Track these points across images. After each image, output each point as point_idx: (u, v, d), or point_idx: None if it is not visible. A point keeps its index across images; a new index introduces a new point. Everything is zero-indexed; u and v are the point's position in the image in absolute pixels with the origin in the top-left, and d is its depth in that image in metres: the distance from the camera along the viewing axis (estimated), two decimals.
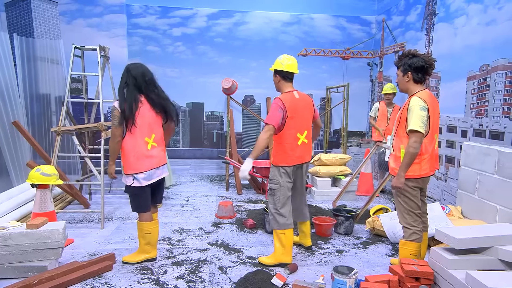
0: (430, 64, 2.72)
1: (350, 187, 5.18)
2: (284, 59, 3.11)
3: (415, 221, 2.74)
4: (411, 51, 2.77)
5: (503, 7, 3.76)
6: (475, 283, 2.17)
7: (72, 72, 4.21)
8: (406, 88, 2.79)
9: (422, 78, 2.74)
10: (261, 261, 3.15)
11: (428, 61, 2.71)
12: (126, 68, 2.99)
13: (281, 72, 3.09)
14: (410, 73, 2.72)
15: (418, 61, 2.69)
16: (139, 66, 3.01)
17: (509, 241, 2.54)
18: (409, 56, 2.75)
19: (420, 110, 2.57)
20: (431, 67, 2.74)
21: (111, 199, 4.65)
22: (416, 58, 2.71)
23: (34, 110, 5.60)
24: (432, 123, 2.67)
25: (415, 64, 2.70)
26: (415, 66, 2.70)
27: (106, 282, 2.77)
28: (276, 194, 3.06)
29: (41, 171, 3.29)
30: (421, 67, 2.70)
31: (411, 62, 2.71)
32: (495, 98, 3.84)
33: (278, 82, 3.14)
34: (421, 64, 2.69)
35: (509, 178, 3.11)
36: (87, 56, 4.81)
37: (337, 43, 7.07)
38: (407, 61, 2.73)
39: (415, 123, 2.55)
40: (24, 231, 2.81)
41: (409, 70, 2.72)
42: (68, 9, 6.32)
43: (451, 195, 4.48)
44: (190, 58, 6.91)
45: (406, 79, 2.75)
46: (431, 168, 2.75)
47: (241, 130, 7.15)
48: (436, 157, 2.81)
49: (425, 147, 2.67)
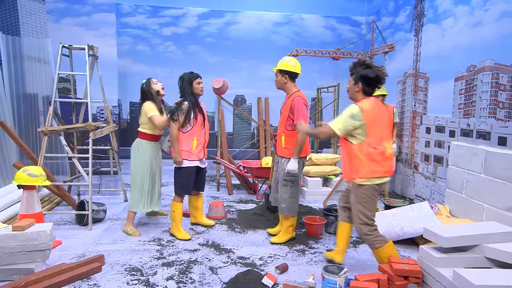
0: (381, 78, 2.73)
1: (341, 187, 5.21)
2: (293, 61, 3.42)
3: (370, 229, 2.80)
4: (366, 61, 2.77)
5: (489, 9, 3.83)
6: (462, 281, 2.21)
7: (59, 71, 4.15)
8: (354, 97, 2.81)
9: (371, 91, 2.75)
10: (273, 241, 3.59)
11: (380, 75, 2.72)
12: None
13: (291, 73, 3.40)
14: (361, 84, 2.73)
15: (371, 73, 2.70)
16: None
17: (495, 239, 2.58)
18: (363, 66, 2.74)
19: (348, 117, 2.64)
20: (382, 81, 2.75)
21: (100, 200, 4.60)
22: (370, 69, 2.72)
23: (21, 110, 5.51)
24: (378, 131, 2.69)
25: (367, 75, 2.70)
26: (367, 77, 2.70)
27: (95, 284, 2.74)
28: (295, 186, 3.45)
29: (27, 172, 3.24)
30: (373, 79, 2.71)
31: (363, 73, 2.71)
32: (482, 99, 3.91)
33: (286, 82, 3.44)
34: (372, 76, 2.70)
35: (496, 177, 3.16)
36: (76, 56, 4.75)
37: (328, 43, 7.11)
38: (360, 71, 2.73)
39: (335, 122, 2.68)
40: (10, 233, 2.76)
41: (360, 81, 2.73)
42: (56, 8, 6.23)
43: (439, 194, 4.54)
44: (180, 58, 6.88)
45: (356, 88, 2.76)
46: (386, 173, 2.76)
47: (232, 130, 7.14)
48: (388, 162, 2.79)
49: (368, 155, 2.67)
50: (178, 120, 3.52)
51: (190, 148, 3.59)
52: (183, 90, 3.62)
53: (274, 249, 3.48)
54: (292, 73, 3.41)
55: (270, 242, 3.60)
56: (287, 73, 3.41)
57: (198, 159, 3.66)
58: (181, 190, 3.66)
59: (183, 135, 3.59)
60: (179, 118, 3.52)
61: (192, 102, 3.56)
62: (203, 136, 3.68)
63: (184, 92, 3.60)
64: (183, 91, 3.61)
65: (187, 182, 3.65)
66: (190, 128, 3.57)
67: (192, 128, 3.57)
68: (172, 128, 3.55)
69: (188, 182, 3.66)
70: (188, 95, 3.57)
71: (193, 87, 3.60)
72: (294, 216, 3.56)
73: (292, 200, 3.47)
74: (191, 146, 3.59)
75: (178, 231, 3.68)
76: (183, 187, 3.65)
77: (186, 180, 3.64)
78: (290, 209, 3.49)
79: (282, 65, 3.41)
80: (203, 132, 3.67)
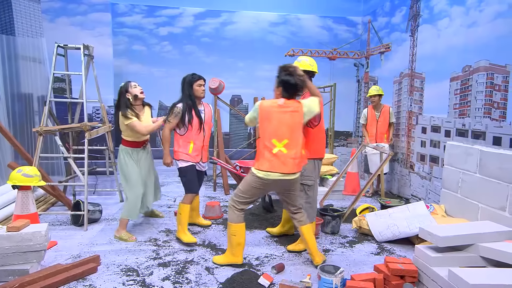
0: (301, 86, 2.88)
1: (337, 187, 5.22)
2: (310, 60, 3.39)
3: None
4: (290, 68, 2.88)
5: (484, 9, 3.85)
6: (457, 280, 2.22)
7: (55, 71, 4.13)
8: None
9: (290, 96, 2.88)
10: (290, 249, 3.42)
11: (300, 84, 2.86)
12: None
13: (309, 72, 3.33)
14: (281, 89, 2.88)
15: (291, 80, 2.82)
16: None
17: (490, 238, 2.60)
18: (285, 72, 2.86)
19: (252, 110, 2.93)
20: (301, 90, 2.92)
21: (95, 200, 4.58)
22: (291, 77, 2.83)
23: (15, 110, 5.46)
24: (270, 129, 2.83)
25: (288, 81, 2.83)
26: (287, 83, 2.84)
27: (90, 285, 2.73)
28: (311, 190, 3.29)
29: (22, 172, 3.22)
30: (291, 86, 2.84)
31: (285, 79, 2.84)
32: (477, 99, 3.93)
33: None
34: (292, 83, 2.83)
35: (491, 177, 3.18)
36: (71, 55, 4.72)
37: (324, 43, 7.13)
38: (282, 77, 2.87)
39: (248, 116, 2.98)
40: (5, 234, 2.74)
41: (280, 85, 2.88)
42: (51, 7, 6.20)
43: (435, 194, 4.56)
44: (177, 57, 6.86)
45: (277, 91, 2.92)
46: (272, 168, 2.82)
47: (229, 130, 7.13)
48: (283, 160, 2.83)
49: (259, 148, 2.89)
50: (170, 122, 3.46)
51: (186, 151, 3.53)
52: (183, 92, 3.55)
53: (270, 249, 3.48)
54: (310, 72, 3.35)
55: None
56: (305, 72, 3.26)
57: (195, 162, 3.60)
58: (187, 189, 3.60)
59: (180, 137, 3.53)
60: (171, 121, 3.46)
61: (188, 105, 3.46)
62: (202, 140, 3.58)
63: (183, 93, 3.54)
64: (183, 93, 3.55)
65: (190, 181, 3.58)
66: (185, 131, 3.50)
67: (186, 132, 3.50)
68: (163, 129, 3.51)
69: (192, 180, 3.59)
70: (185, 98, 3.49)
71: (193, 89, 3.51)
72: (312, 223, 3.36)
73: (308, 206, 3.31)
74: (187, 149, 3.53)
75: (184, 234, 3.55)
76: (188, 186, 3.59)
77: (188, 179, 3.58)
78: (307, 215, 3.26)
79: (299, 65, 3.30)
80: (201, 136, 3.57)
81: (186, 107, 3.46)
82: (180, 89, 3.57)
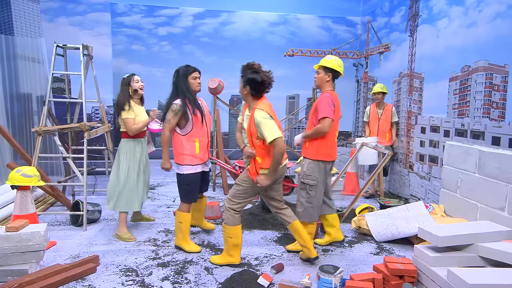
0: (268, 83, 2.84)
1: (336, 187, 5.23)
2: (339, 61, 3.31)
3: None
4: (254, 65, 2.85)
5: (482, 10, 3.85)
6: (456, 280, 2.22)
7: (54, 71, 4.12)
8: (246, 100, 2.96)
9: (259, 95, 2.85)
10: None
11: (267, 80, 2.82)
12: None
13: (335, 72, 3.28)
14: (249, 88, 2.83)
15: (257, 77, 2.79)
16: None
17: (489, 238, 2.60)
18: (251, 70, 2.83)
19: (269, 121, 2.72)
20: (269, 86, 2.86)
21: (95, 201, 4.57)
22: (257, 74, 2.80)
23: (14, 110, 5.46)
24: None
25: (254, 79, 2.80)
26: (254, 81, 2.80)
27: (89, 285, 2.72)
28: (313, 190, 3.21)
29: (21, 172, 3.21)
30: (259, 83, 2.80)
31: (251, 77, 2.81)
32: (476, 99, 3.93)
33: (328, 80, 3.29)
34: (259, 81, 2.79)
35: (490, 177, 3.19)
36: (70, 55, 4.71)
37: (323, 43, 7.13)
38: (247, 75, 2.83)
39: (272, 133, 2.67)
40: (4, 234, 2.73)
41: (247, 85, 2.83)
42: (50, 7, 6.19)
43: (434, 194, 4.57)
44: (176, 57, 6.86)
45: (244, 91, 2.87)
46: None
47: (228, 130, 7.13)
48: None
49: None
50: (170, 122, 3.16)
51: (193, 151, 3.22)
52: (176, 85, 3.21)
53: (269, 249, 3.48)
54: (336, 72, 3.27)
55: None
56: (332, 71, 3.25)
57: (202, 162, 3.32)
58: (186, 198, 3.30)
59: (183, 137, 3.21)
60: (171, 120, 3.15)
61: (188, 100, 3.17)
62: (205, 136, 3.31)
63: (178, 88, 3.20)
64: (177, 87, 3.21)
65: (193, 189, 3.30)
66: (191, 128, 3.20)
67: (192, 128, 3.20)
68: (163, 130, 3.21)
69: (194, 190, 3.32)
70: (182, 92, 3.18)
71: (188, 82, 3.22)
72: (312, 223, 3.30)
73: (309, 206, 3.23)
74: (194, 149, 3.22)
75: (186, 243, 3.34)
76: (189, 195, 3.30)
77: (191, 188, 3.29)
78: (306, 215, 3.23)
79: (327, 62, 3.25)
80: (205, 131, 3.30)
81: (187, 100, 3.18)
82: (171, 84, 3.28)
